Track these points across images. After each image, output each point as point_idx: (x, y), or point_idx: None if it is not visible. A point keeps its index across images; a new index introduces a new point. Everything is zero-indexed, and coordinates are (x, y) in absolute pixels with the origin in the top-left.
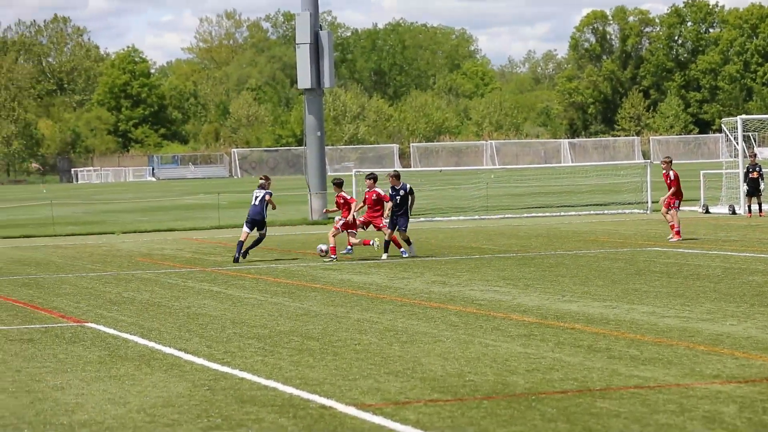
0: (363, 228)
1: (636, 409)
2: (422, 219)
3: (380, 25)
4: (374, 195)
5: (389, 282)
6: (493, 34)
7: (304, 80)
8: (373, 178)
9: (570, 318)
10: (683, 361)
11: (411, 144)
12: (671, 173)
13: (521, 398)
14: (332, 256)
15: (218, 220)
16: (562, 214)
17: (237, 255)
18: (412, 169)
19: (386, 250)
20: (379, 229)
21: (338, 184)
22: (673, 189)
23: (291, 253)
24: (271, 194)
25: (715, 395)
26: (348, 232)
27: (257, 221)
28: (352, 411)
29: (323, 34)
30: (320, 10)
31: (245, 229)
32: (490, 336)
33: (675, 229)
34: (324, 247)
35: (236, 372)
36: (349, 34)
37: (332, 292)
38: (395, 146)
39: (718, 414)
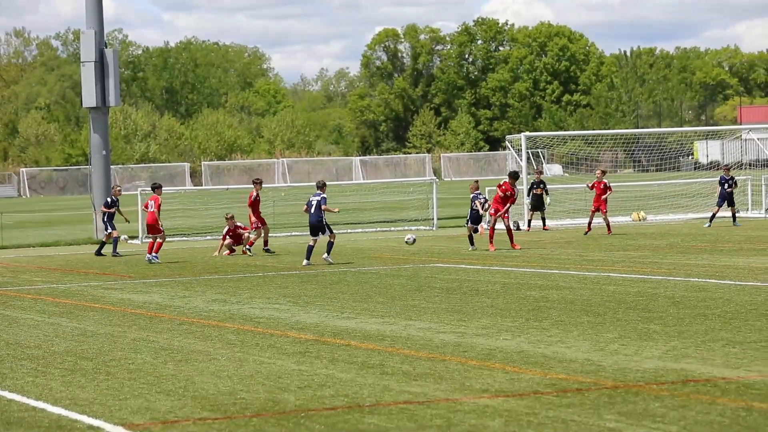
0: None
1: (403, 424)
2: (208, 237)
3: (172, 44)
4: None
5: (169, 301)
6: (286, 53)
7: (89, 99)
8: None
9: (346, 335)
10: (454, 376)
11: (202, 162)
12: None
13: (291, 415)
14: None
15: (1, 240)
16: (349, 231)
17: (305, 260)
18: (203, 187)
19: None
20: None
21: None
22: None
23: (74, 273)
24: (325, 200)
25: (482, 409)
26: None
27: (317, 227)
28: (119, 431)
29: (108, 52)
30: (112, 28)
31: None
32: (265, 353)
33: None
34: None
35: (5, 393)
36: (140, 52)
37: (111, 311)
38: (186, 165)
39: (484, 428)
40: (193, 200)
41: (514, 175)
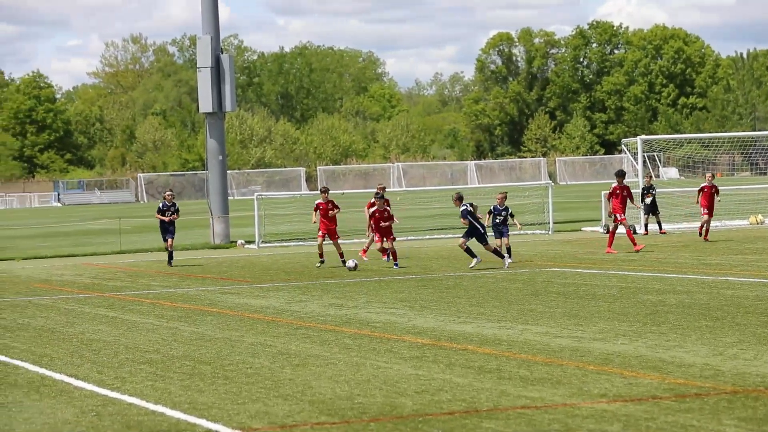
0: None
1: (521, 429)
2: (327, 242)
3: (287, 49)
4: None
5: (286, 305)
6: (400, 57)
7: (206, 104)
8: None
9: (463, 339)
10: (572, 380)
11: (318, 167)
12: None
13: (408, 420)
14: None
15: (119, 245)
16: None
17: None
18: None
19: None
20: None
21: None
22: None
23: (191, 278)
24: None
25: (600, 414)
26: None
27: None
28: None
29: (224, 58)
30: (227, 34)
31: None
32: (382, 358)
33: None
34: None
35: (125, 397)
36: (255, 57)
37: (228, 316)
38: (302, 169)
39: None
40: (308, 205)
41: (620, 173)
